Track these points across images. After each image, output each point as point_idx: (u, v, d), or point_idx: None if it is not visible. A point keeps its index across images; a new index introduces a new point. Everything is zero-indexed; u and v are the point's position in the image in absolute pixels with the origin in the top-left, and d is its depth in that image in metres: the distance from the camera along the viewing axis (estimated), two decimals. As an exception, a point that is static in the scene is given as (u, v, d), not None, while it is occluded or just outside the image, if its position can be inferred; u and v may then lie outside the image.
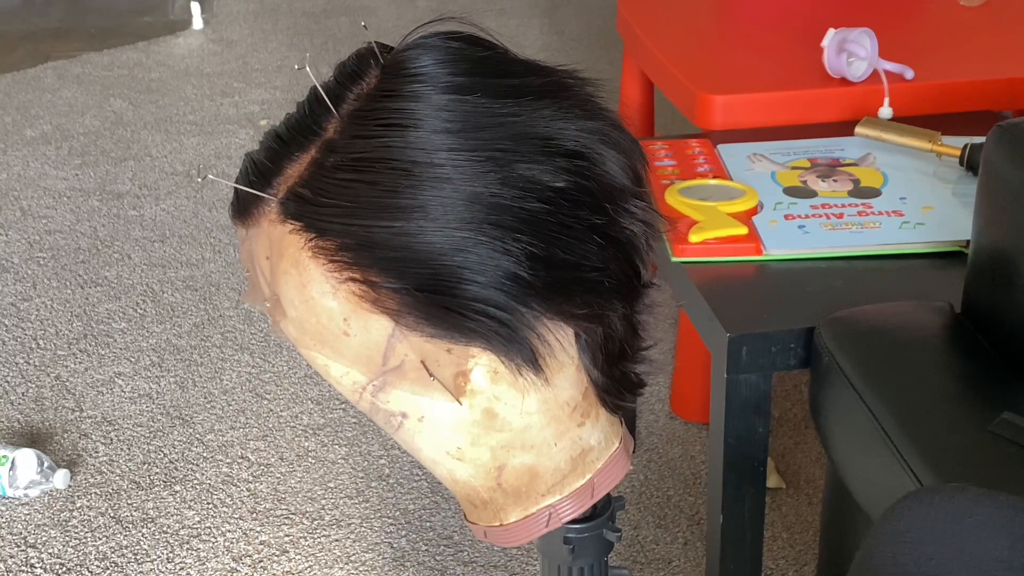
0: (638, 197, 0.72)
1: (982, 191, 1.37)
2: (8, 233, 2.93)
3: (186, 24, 4.19)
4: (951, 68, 2.04)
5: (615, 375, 0.74)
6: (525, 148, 0.69)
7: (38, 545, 1.99)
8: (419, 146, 0.68)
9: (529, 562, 1.93)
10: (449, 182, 0.67)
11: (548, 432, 0.74)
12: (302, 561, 1.95)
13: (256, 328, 2.54)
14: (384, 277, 0.68)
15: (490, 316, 0.68)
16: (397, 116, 0.70)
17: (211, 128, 3.44)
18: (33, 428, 2.26)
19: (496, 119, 0.70)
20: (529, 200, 0.67)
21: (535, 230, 0.67)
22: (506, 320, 0.68)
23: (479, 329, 0.68)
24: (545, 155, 0.69)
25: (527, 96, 0.72)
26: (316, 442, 2.21)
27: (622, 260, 0.71)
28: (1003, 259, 1.34)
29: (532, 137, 0.70)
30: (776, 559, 1.91)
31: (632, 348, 0.74)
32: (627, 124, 0.74)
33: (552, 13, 4.24)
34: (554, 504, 0.76)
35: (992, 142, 1.34)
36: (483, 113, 0.70)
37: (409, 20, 4.23)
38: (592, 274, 0.69)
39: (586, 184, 0.69)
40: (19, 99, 3.66)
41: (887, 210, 1.61)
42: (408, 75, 0.71)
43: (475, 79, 0.72)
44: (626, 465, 0.78)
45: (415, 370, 0.70)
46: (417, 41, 0.75)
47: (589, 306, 0.70)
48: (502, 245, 0.66)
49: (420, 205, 0.67)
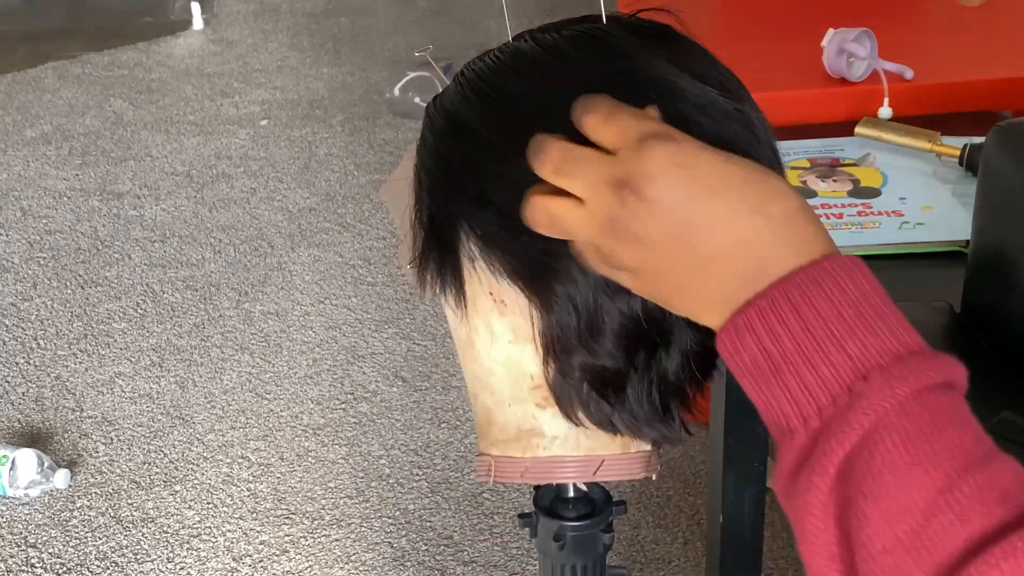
0: None
1: (981, 191, 1.37)
2: (8, 233, 2.93)
3: (186, 24, 4.19)
4: (951, 68, 2.04)
5: (570, 381, 0.70)
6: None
7: (38, 545, 2.00)
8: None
9: (529, 562, 1.93)
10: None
11: (506, 389, 0.74)
12: (302, 561, 1.95)
13: (256, 328, 2.54)
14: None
15: (455, 246, 0.70)
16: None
17: (211, 128, 3.44)
18: (33, 428, 2.26)
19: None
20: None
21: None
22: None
23: (443, 255, 0.71)
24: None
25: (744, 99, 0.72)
26: (316, 442, 2.21)
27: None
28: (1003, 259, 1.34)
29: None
30: (776, 559, 1.91)
31: (591, 354, 0.68)
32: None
33: (552, 13, 4.23)
34: (496, 457, 0.77)
35: (992, 142, 1.34)
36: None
37: (409, 20, 4.23)
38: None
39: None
40: (19, 99, 3.66)
41: (887, 210, 1.61)
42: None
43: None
44: (581, 477, 0.77)
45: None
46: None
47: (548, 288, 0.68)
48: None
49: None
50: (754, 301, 0.57)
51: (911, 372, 0.55)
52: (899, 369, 0.55)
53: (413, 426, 2.25)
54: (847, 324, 0.56)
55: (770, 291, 0.57)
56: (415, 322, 2.55)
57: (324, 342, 2.49)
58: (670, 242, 0.58)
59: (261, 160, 3.26)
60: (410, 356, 2.44)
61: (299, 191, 3.09)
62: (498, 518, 2.02)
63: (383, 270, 2.74)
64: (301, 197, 3.06)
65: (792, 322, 0.56)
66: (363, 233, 2.89)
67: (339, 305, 2.62)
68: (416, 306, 2.60)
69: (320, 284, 2.69)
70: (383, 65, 3.84)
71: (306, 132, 3.41)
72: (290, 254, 2.81)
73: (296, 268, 2.76)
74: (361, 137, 3.37)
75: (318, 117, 3.50)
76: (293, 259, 2.79)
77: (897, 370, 0.55)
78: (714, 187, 0.57)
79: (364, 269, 2.75)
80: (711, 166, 0.57)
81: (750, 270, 0.57)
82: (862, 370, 0.55)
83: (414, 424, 2.25)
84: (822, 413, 0.55)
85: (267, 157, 3.27)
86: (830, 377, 0.55)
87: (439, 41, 4.04)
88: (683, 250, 0.58)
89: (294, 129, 3.43)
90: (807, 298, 0.56)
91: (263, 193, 3.09)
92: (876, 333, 0.56)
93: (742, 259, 0.57)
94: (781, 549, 1.93)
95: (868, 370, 0.55)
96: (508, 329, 0.70)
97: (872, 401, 0.54)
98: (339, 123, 3.46)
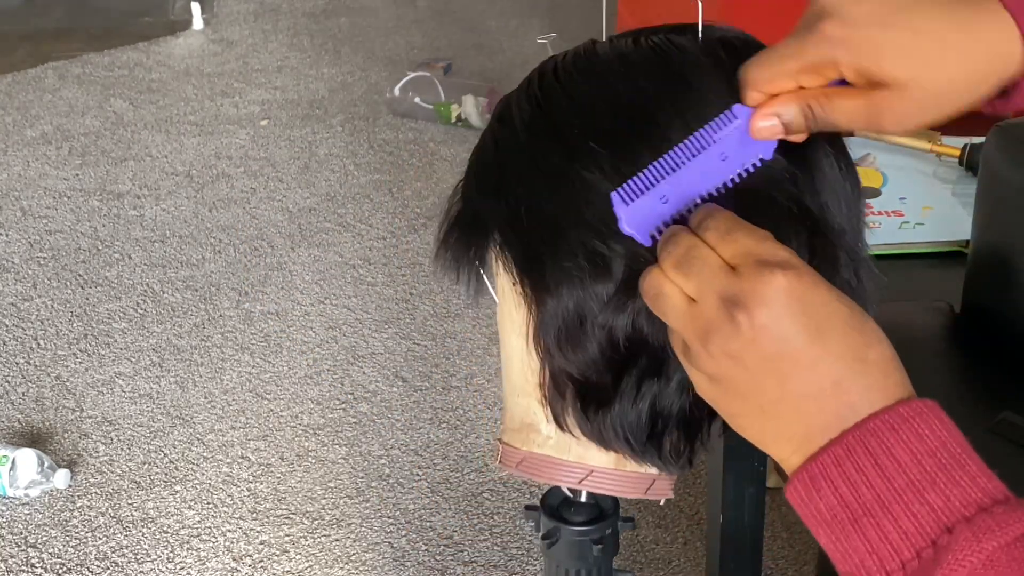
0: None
1: (981, 191, 1.37)
2: (8, 233, 2.93)
3: (186, 24, 4.19)
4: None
5: (559, 386, 0.70)
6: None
7: (39, 545, 2.00)
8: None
9: (529, 562, 1.93)
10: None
11: (517, 380, 0.74)
12: (302, 561, 1.95)
13: (256, 328, 2.54)
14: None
15: (483, 236, 0.71)
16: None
17: (211, 128, 3.44)
18: (33, 428, 2.26)
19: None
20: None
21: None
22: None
23: (472, 244, 0.72)
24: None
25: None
26: (316, 442, 2.21)
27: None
28: (1003, 259, 1.34)
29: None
30: (776, 559, 1.91)
31: (569, 364, 0.68)
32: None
33: (552, 13, 4.24)
34: (504, 443, 0.77)
35: (991, 142, 1.34)
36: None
37: (409, 20, 4.23)
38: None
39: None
40: (20, 99, 3.66)
41: (887, 210, 1.61)
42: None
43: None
44: (568, 482, 0.76)
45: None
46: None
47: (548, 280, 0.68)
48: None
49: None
50: (828, 448, 0.57)
51: (997, 524, 0.53)
52: (985, 521, 0.54)
53: (413, 426, 2.25)
54: (927, 473, 0.55)
55: (845, 438, 0.56)
56: (415, 322, 2.55)
57: (324, 342, 2.49)
58: (766, 369, 0.58)
59: (261, 160, 3.26)
60: (410, 356, 2.44)
61: (299, 191, 3.09)
62: (498, 518, 2.02)
63: (383, 270, 2.74)
64: (301, 197, 3.06)
65: (870, 470, 0.55)
66: (363, 233, 2.89)
67: (339, 305, 2.62)
68: (416, 306, 2.60)
69: (320, 284, 2.69)
70: (383, 65, 3.84)
71: (306, 132, 3.41)
72: (290, 254, 2.82)
73: (296, 268, 2.76)
74: (361, 137, 3.37)
75: (318, 117, 3.50)
76: (293, 259, 2.79)
77: (983, 522, 0.54)
78: (822, 327, 0.57)
79: (364, 269, 2.75)
80: (824, 304, 0.58)
81: (841, 413, 0.57)
82: (946, 522, 0.54)
83: (414, 424, 2.25)
84: (906, 567, 0.54)
85: (267, 157, 3.27)
86: (913, 530, 0.54)
87: (439, 41, 4.05)
88: (776, 380, 0.58)
89: (294, 129, 3.43)
90: (885, 446, 0.56)
91: (263, 193, 3.09)
92: (958, 483, 0.55)
93: (835, 401, 0.57)
94: (781, 549, 1.93)
95: (953, 523, 0.54)
96: (522, 322, 0.71)
97: (959, 556, 0.53)
98: (339, 123, 3.46)
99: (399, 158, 3.26)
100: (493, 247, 0.71)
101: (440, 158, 3.23)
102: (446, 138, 3.33)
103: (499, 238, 0.70)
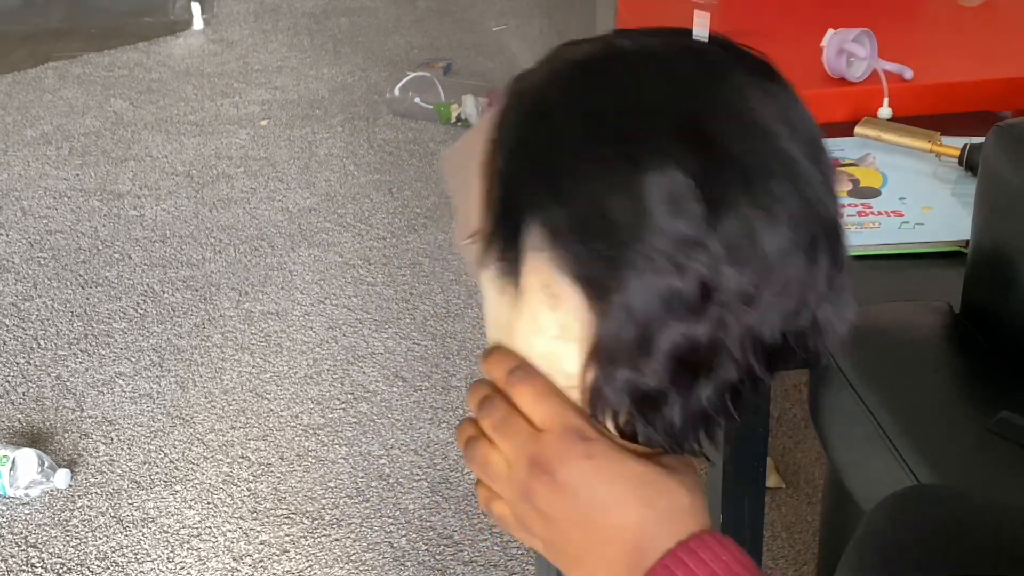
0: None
1: (981, 191, 1.37)
2: (9, 233, 2.93)
3: (186, 24, 4.19)
4: (950, 68, 2.04)
5: (608, 389, 0.69)
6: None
7: (39, 545, 2.00)
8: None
9: (529, 562, 1.93)
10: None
11: (557, 378, 0.74)
12: (302, 561, 1.95)
13: (256, 328, 2.54)
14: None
15: (522, 234, 0.69)
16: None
17: (211, 128, 3.45)
18: (34, 428, 2.26)
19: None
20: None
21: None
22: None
23: (507, 239, 0.70)
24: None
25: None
26: (316, 442, 2.22)
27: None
28: (1002, 259, 1.34)
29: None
30: (776, 559, 1.91)
31: (636, 370, 0.68)
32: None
33: (552, 13, 4.24)
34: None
35: (991, 142, 1.34)
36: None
37: (409, 20, 4.24)
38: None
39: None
40: (20, 99, 3.66)
41: (886, 210, 1.61)
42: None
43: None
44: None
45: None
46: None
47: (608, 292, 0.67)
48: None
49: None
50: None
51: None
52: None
53: (413, 426, 2.25)
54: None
55: (651, 571, 0.66)
56: (415, 322, 2.55)
57: (324, 342, 2.50)
58: (571, 520, 0.67)
59: (261, 160, 3.26)
60: (410, 356, 2.44)
61: (299, 191, 3.09)
62: (498, 518, 2.02)
63: (383, 270, 2.74)
64: (301, 197, 3.06)
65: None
66: (363, 233, 2.89)
67: (339, 305, 2.62)
68: (416, 306, 2.61)
69: (320, 284, 2.70)
70: (383, 65, 3.84)
71: (306, 132, 3.41)
72: (290, 254, 2.82)
73: (296, 268, 2.76)
74: (361, 137, 3.37)
75: (318, 117, 3.50)
76: (293, 259, 2.79)
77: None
78: (613, 480, 0.67)
79: (364, 269, 2.75)
80: (615, 462, 0.67)
81: (633, 555, 0.66)
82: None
83: (414, 424, 2.26)
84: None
85: (267, 157, 3.28)
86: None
87: (439, 41, 4.05)
88: (581, 529, 0.67)
89: (294, 129, 3.43)
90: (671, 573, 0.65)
91: (263, 193, 3.09)
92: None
93: (628, 543, 0.66)
94: (781, 549, 1.93)
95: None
96: (555, 325, 0.69)
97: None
98: (339, 123, 3.46)
99: (399, 158, 3.26)
100: (531, 250, 0.68)
101: (440, 158, 3.22)
102: (446, 138, 3.33)
103: (542, 240, 0.67)
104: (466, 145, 0.77)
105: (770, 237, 0.65)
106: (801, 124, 0.69)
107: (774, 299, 0.67)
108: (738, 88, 0.68)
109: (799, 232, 0.66)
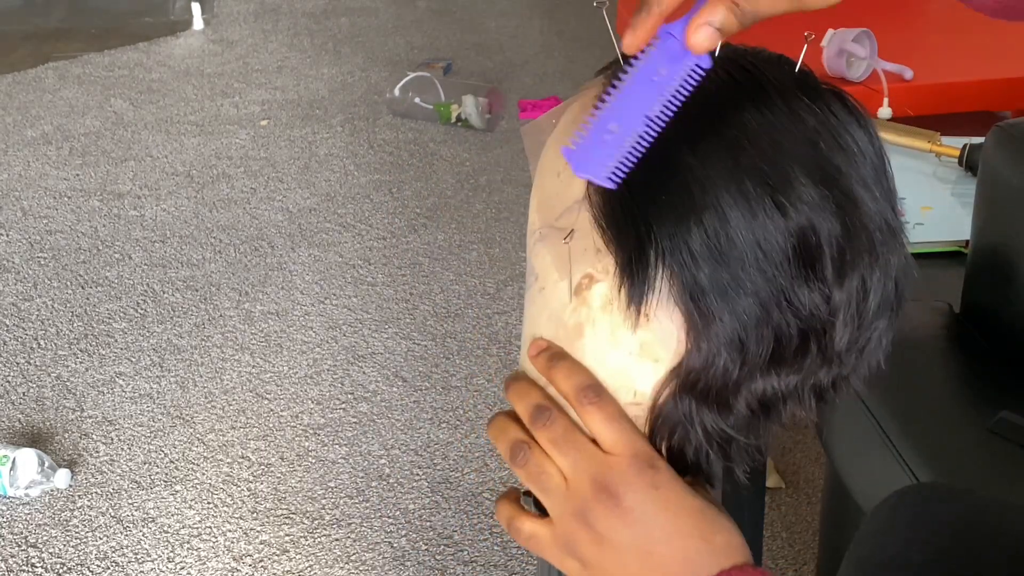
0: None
1: (981, 191, 1.37)
2: (9, 233, 2.93)
3: (186, 24, 4.20)
4: (950, 68, 2.04)
5: (677, 414, 0.70)
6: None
7: (39, 544, 2.00)
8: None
9: (529, 562, 1.93)
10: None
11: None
12: (302, 561, 1.95)
13: (256, 328, 2.54)
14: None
15: (647, 247, 0.66)
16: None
17: (211, 128, 3.45)
18: (34, 428, 2.26)
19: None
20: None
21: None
22: (645, 260, 0.66)
23: (632, 251, 0.67)
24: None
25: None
26: (316, 442, 2.22)
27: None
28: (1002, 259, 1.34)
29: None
30: (776, 559, 1.91)
31: (719, 409, 0.69)
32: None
33: (552, 13, 4.24)
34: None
35: (991, 142, 1.34)
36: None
37: (409, 20, 4.24)
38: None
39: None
40: (20, 99, 3.66)
41: (886, 210, 1.61)
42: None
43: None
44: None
45: (570, 243, 0.69)
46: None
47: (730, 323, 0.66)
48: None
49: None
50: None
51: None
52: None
53: (413, 426, 2.25)
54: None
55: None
56: (415, 322, 2.55)
57: (324, 342, 2.50)
58: (627, 546, 0.68)
59: (261, 160, 3.26)
60: (410, 356, 2.45)
61: (299, 191, 3.09)
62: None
63: (383, 270, 2.74)
64: (301, 197, 3.06)
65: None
66: (363, 233, 2.89)
67: (339, 305, 2.62)
68: (416, 306, 2.61)
69: (320, 284, 2.70)
70: (383, 65, 3.84)
71: (306, 132, 3.41)
72: (290, 254, 2.82)
73: (296, 268, 2.76)
74: (361, 137, 3.37)
75: (318, 117, 3.50)
76: (293, 259, 2.80)
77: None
78: (677, 513, 0.68)
79: (364, 269, 2.75)
80: (678, 495, 0.68)
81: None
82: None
83: (414, 424, 2.26)
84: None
85: (267, 157, 3.28)
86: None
87: (439, 41, 4.05)
88: (636, 556, 0.68)
89: (294, 129, 3.43)
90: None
91: (263, 193, 3.09)
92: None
93: (683, 573, 0.68)
94: (781, 549, 1.93)
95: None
96: (636, 342, 0.68)
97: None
98: (339, 123, 3.46)
99: (399, 158, 3.26)
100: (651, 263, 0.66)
101: (440, 158, 3.23)
102: (446, 138, 3.33)
103: (656, 257, 0.65)
104: (549, 122, 0.77)
105: (874, 298, 0.68)
106: (892, 179, 0.73)
107: (859, 355, 0.70)
108: (856, 140, 0.69)
109: (896, 294, 0.70)
